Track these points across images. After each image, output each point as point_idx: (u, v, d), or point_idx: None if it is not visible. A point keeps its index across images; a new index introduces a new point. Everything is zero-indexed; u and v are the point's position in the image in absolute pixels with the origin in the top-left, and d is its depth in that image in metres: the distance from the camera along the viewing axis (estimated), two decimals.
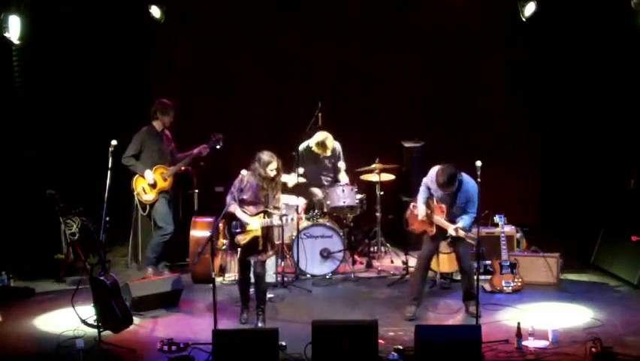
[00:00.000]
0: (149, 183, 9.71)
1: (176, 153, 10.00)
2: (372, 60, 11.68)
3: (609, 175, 11.25)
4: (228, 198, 8.25)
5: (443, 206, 8.43)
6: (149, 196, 9.75)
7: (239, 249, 8.32)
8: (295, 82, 11.65)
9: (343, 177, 10.47)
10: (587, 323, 8.29)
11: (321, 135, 10.27)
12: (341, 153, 10.52)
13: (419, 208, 8.60)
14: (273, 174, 8.22)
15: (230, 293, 9.06)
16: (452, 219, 8.39)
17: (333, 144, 10.32)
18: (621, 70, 11.03)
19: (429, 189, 8.57)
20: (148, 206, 9.79)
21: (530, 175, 12.00)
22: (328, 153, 10.39)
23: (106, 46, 11.14)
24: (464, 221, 8.32)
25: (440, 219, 8.44)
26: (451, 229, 8.31)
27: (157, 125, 9.82)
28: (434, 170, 8.49)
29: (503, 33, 11.56)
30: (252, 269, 8.39)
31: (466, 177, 8.35)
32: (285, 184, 9.96)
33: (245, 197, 8.26)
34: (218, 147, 9.88)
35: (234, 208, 8.21)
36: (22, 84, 10.35)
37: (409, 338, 7.65)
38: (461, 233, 8.25)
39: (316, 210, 9.37)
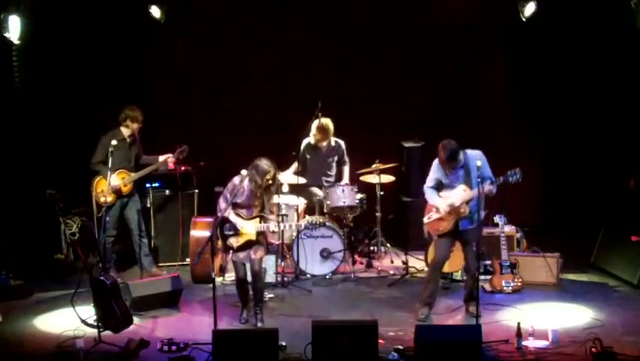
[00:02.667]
0: (113, 188, 9.60)
1: (142, 156, 9.89)
2: (372, 60, 11.68)
3: (609, 175, 11.25)
4: (222, 203, 8.24)
5: (463, 186, 8.31)
6: (108, 199, 9.61)
7: (231, 251, 8.31)
8: (295, 82, 11.65)
9: (346, 175, 10.45)
10: (587, 323, 8.29)
11: (317, 121, 10.24)
12: (345, 151, 10.52)
13: (438, 203, 8.40)
14: (269, 183, 8.22)
15: (230, 293, 9.06)
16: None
17: (332, 128, 10.28)
18: (621, 70, 11.03)
19: (435, 186, 8.50)
20: (103, 209, 9.61)
21: (530, 175, 11.97)
22: (328, 138, 10.32)
23: (106, 46, 11.13)
24: (487, 184, 8.23)
25: (463, 195, 8.28)
26: (475, 192, 8.16)
27: (124, 131, 9.71)
28: (436, 162, 8.45)
29: (503, 33, 11.56)
30: (248, 268, 8.40)
31: (468, 149, 8.31)
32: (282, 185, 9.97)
33: (238, 201, 8.25)
34: (182, 157, 9.81)
35: (228, 213, 8.21)
36: (22, 84, 10.34)
37: (409, 338, 7.65)
38: (487, 188, 8.15)
39: (316, 220, 9.30)
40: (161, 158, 9.85)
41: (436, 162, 8.48)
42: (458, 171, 8.35)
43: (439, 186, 8.50)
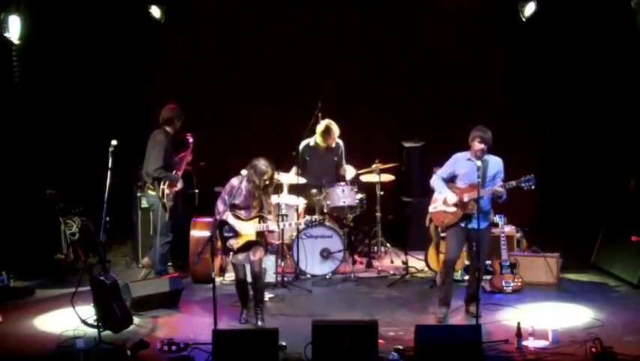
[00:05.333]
0: (176, 190, 9.60)
1: None
2: (372, 60, 11.69)
3: (609, 175, 11.25)
4: (220, 205, 8.22)
5: (474, 183, 8.23)
6: (170, 203, 9.60)
7: (231, 253, 8.30)
8: (295, 82, 11.65)
9: (349, 171, 10.43)
10: (587, 323, 8.29)
11: (323, 123, 10.23)
12: (343, 152, 10.52)
13: (448, 195, 8.33)
14: (266, 183, 8.21)
15: (230, 293, 9.05)
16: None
17: (337, 130, 10.27)
18: (621, 70, 11.03)
19: (446, 179, 8.44)
20: (169, 212, 9.64)
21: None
22: (334, 140, 10.32)
23: (106, 46, 11.14)
24: (497, 185, 8.22)
25: (473, 194, 8.21)
26: (494, 188, 8.12)
27: (170, 130, 9.66)
28: (456, 155, 8.45)
29: (503, 33, 11.57)
30: (248, 269, 8.40)
31: (492, 155, 8.34)
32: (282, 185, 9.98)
33: (236, 202, 8.24)
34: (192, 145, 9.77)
35: (227, 215, 8.20)
36: (22, 84, 10.35)
37: (409, 338, 7.65)
38: (496, 188, 8.13)
39: (315, 218, 9.33)
40: (182, 156, 9.82)
41: (457, 154, 8.45)
42: (474, 168, 8.27)
43: (449, 181, 8.47)
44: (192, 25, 11.59)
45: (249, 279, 8.45)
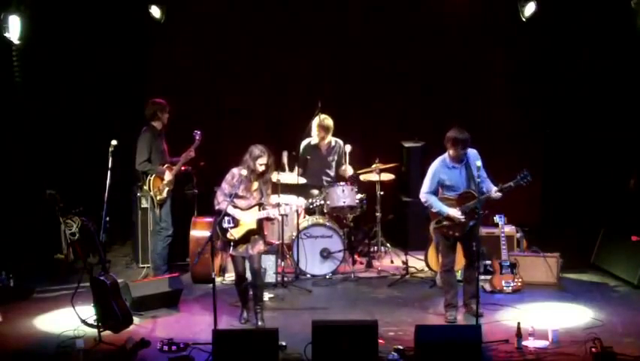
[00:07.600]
0: (167, 183, 9.62)
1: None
2: (372, 60, 11.68)
3: (609, 175, 11.25)
4: (220, 196, 8.23)
5: (469, 191, 8.27)
6: (162, 196, 9.68)
7: (231, 245, 8.25)
8: (295, 82, 11.65)
9: (349, 170, 10.41)
10: (587, 323, 8.30)
11: (317, 119, 10.23)
12: (345, 152, 10.49)
13: (450, 212, 8.29)
14: (261, 169, 8.19)
15: (230, 293, 9.06)
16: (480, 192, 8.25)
17: (331, 124, 10.28)
18: (621, 70, 11.03)
19: (434, 191, 8.45)
20: (159, 206, 9.72)
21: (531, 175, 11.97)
22: (329, 134, 10.32)
23: (106, 46, 11.14)
24: (488, 184, 8.30)
25: (473, 202, 8.25)
26: (494, 193, 8.22)
27: (157, 125, 9.75)
28: (435, 165, 8.44)
29: (503, 33, 11.56)
30: (247, 266, 8.39)
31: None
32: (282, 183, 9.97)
33: (237, 191, 8.24)
34: (199, 143, 9.76)
35: (226, 206, 8.18)
36: (22, 84, 10.35)
37: (409, 338, 7.66)
38: (495, 195, 8.22)
39: (316, 200, 9.33)
40: (184, 153, 9.82)
41: (436, 164, 8.45)
42: (460, 171, 8.33)
43: (437, 190, 8.47)
44: (192, 25, 11.58)
45: (249, 276, 8.45)
